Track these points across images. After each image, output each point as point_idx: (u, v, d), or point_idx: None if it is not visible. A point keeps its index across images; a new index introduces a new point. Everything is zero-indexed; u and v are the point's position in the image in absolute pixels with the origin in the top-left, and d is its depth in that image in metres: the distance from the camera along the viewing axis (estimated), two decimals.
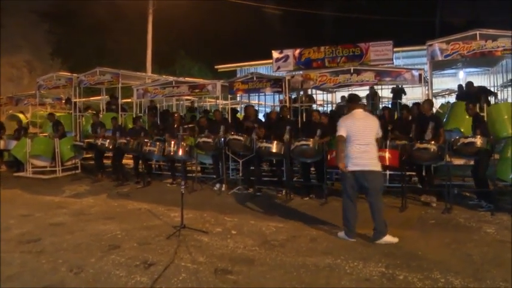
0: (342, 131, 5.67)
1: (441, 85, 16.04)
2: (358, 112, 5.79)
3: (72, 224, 6.69)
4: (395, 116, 10.56)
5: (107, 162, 11.67)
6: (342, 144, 5.66)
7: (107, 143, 10.61)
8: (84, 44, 24.50)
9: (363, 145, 5.55)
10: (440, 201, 7.53)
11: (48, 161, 12.10)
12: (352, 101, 6.01)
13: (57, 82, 13.86)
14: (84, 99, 15.97)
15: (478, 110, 8.12)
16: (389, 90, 13.85)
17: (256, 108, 12.30)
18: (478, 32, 8.94)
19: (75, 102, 13.72)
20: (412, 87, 11.44)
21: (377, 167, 5.59)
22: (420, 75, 8.93)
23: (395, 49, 12.33)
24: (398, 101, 13.35)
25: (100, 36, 24.66)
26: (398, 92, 13.50)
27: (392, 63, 12.04)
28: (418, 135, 7.84)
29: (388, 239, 5.43)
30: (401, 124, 8.87)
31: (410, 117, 9.01)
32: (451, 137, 7.96)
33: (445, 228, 6.15)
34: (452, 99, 14.34)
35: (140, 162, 10.53)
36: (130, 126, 12.11)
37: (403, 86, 12.67)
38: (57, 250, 5.31)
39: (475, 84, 11.75)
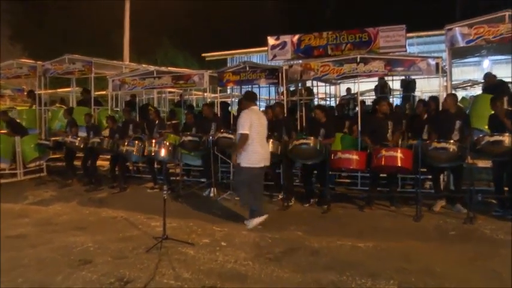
0: (247, 129, 6.63)
1: (462, 76, 16.04)
2: (256, 109, 7.05)
3: (36, 235, 6.61)
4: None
5: (77, 163, 11.56)
6: (246, 142, 6.66)
7: (77, 141, 10.55)
8: (50, 27, 24.29)
9: (264, 141, 6.95)
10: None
11: (7, 163, 11.89)
12: (250, 99, 7.08)
13: (18, 71, 13.73)
14: (50, 90, 15.84)
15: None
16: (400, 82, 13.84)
17: None
18: (507, 14, 8.70)
19: (39, 95, 13.59)
20: (428, 78, 11.43)
21: None
22: (437, 64, 8.87)
23: (408, 34, 12.30)
24: (412, 94, 13.31)
25: (69, 18, 24.48)
26: (408, 84, 13.46)
27: (405, 51, 12.01)
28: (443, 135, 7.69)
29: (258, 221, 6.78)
30: (415, 122, 8.81)
31: (425, 116, 8.93)
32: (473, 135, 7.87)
33: (467, 241, 6.13)
34: (474, 92, 14.32)
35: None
36: (104, 122, 12.01)
37: (415, 77, 12.63)
38: (16, 267, 5.22)
39: (502, 75, 11.70)
